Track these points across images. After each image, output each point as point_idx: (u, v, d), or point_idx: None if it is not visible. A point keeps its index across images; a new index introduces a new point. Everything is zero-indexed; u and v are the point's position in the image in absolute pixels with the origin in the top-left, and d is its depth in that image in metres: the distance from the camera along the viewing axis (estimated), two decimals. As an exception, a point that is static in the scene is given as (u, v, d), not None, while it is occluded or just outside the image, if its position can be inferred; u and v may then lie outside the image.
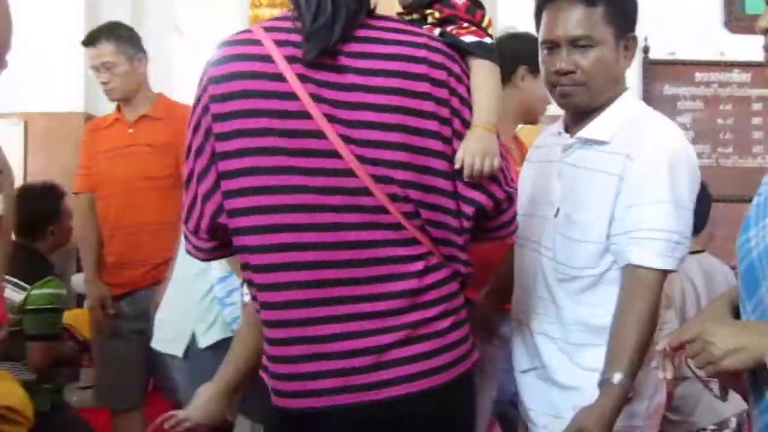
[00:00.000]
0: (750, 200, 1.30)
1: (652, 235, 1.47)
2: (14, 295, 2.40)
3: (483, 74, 1.30)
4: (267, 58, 1.21)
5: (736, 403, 2.29)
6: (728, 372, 1.13)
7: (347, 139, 1.21)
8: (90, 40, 2.66)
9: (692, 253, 2.54)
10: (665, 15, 3.30)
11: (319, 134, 1.20)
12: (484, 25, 1.33)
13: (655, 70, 3.47)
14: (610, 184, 1.51)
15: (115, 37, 2.65)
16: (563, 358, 1.57)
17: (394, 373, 1.22)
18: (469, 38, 1.30)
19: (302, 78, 1.20)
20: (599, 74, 1.56)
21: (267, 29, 1.24)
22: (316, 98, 1.20)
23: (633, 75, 3.48)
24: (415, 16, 1.34)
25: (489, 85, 1.30)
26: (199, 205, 1.26)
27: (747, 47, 3.41)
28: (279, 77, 1.20)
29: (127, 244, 2.63)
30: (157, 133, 2.66)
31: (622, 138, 1.54)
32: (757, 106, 3.50)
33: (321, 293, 1.21)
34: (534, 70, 2.07)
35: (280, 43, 1.21)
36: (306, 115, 1.20)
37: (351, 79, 1.22)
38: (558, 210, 1.58)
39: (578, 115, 1.61)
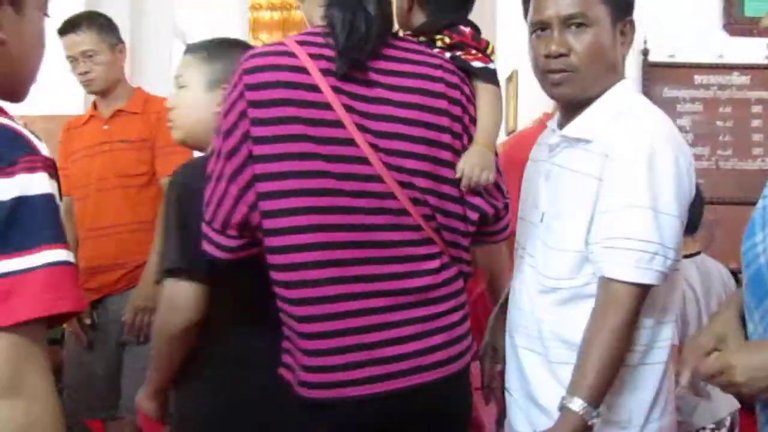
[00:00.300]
0: (750, 203, 1.29)
1: (626, 244, 1.32)
2: None
3: (487, 97, 1.45)
4: (303, 70, 1.31)
5: (730, 403, 2.37)
6: None
7: (376, 148, 1.33)
8: (69, 28, 2.51)
9: (690, 255, 2.56)
10: (665, 18, 3.30)
11: (351, 142, 1.31)
12: (488, 52, 1.48)
13: (655, 73, 3.47)
14: (591, 187, 1.39)
15: (96, 25, 2.53)
16: (547, 377, 1.43)
17: (413, 364, 1.33)
18: (476, 63, 1.45)
19: (336, 90, 1.32)
20: (594, 59, 1.42)
21: (300, 43, 1.34)
22: (349, 109, 1.32)
23: (632, 77, 3.47)
24: (422, 38, 1.47)
25: (492, 107, 1.45)
26: (229, 203, 1.32)
27: (746, 50, 3.42)
28: (315, 88, 1.31)
29: (100, 246, 2.50)
30: (133, 128, 2.54)
31: (605, 135, 1.40)
32: (756, 109, 3.49)
33: (350, 289, 1.31)
34: None
35: (313, 57, 1.32)
36: (339, 124, 1.31)
37: (379, 93, 1.34)
38: (543, 215, 1.48)
39: (570, 109, 1.48)
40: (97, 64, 2.53)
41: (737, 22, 3.45)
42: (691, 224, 2.41)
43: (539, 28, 1.45)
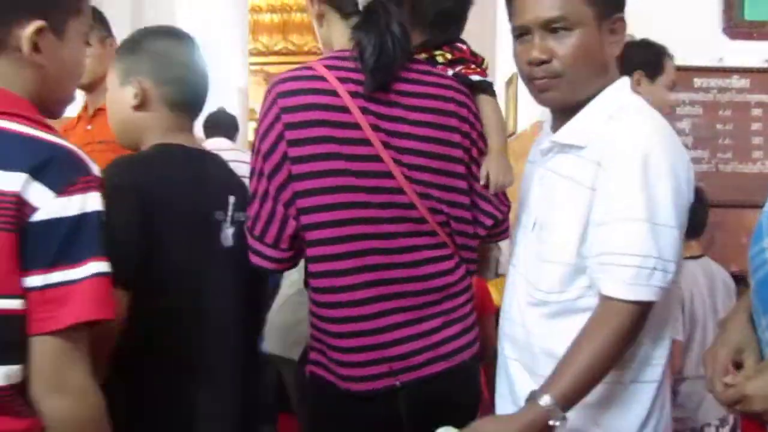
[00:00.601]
0: (750, 206, 1.29)
1: (622, 260, 1.26)
2: None
3: (490, 107, 1.59)
4: (333, 93, 1.42)
5: None
6: None
7: (398, 163, 1.45)
8: None
9: (694, 258, 2.57)
10: (664, 21, 3.30)
11: (377, 158, 1.43)
12: (484, 66, 1.63)
13: (655, 76, 3.47)
14: (583, 196, 1.33)
15: None
16: None
17: (436, 353, 1.47)
18: (476, 77, 1.59)
19: (363, 110, 1.43)
20: (579, 63, 1.35)
21: (328, 67, 1.45)
22: (375, 128, 1.43)
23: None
24: (423, 55, 1.60)
25: (496, 115, 1.60)
26: (279, 220, 1.44)
27: (746, 53, 3.42)
28: (345, 109, 1.42)
29: None
30: (109, 128, 2.49)
31: (597, 141, 1.33)
32: (756, 112, 3.49)
33: (380, 291, 1.44)
34: (650, 74, 2.32)
35: (342, 80, 1.43)
36: (367, 143, 1.43)
37: (399, 113, 1.46)
38: (534, 223, 1.44)
39: (562, 112, 1.43)
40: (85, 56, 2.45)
41: (737, 26, 3.45)
42: (696, 228, 2.41)
43: (521, 33, 1.40)
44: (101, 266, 1.06)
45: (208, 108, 4.63)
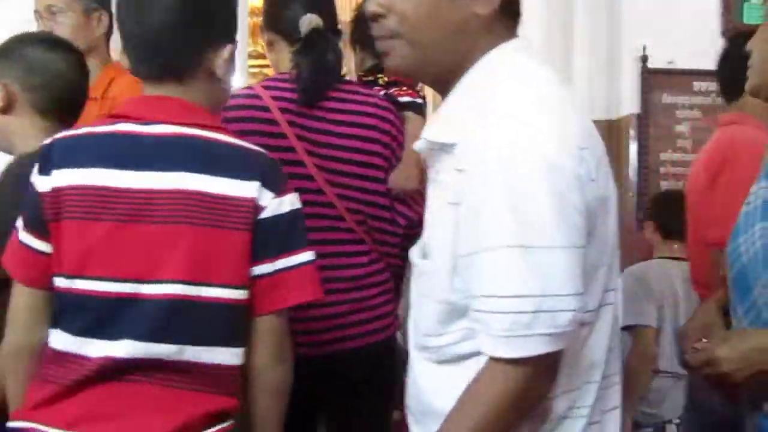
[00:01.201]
0: (747, 208, 1.33)
1: (493, 305, 0.94)
2: None
3: (413, 125, 1.91)
4: (266, 109, 1.73)
5: None
6: None
7: (321, 168, 1.73)
8: None
9: (673, 259, 2.61)
10: (663, 25, 3.31)
11: (301, 163, 1.71)
12: (417, 88, 2.01)
13: (654, 79, 3.48)
14: (451, 215, 1.00)
15: None
16: None
17: (344, 333, 1.74)
18: (404, 98, 1.98)
19: (291, 123, 1.73)
20: (421, 20, 1.02)
21: (266, 87, 1.78)
22: (300, 138, 1.73)
23: (631, 84, 3.49)
24: (370, 77, 2.04)
25: (413, 131, 1.82)
26: None
27: (745, 57, 3.42)
28: (274, 122, 1.73)
29: None
30: (89, 120, 2.00)
31: (463, 137, 1.00)
32: (755, 115, 3.50)
33: None
34: None
35: (275, 98, 1.74)
36: (292, 150, 1.72)
37: (324, 126, 1.76)
38: (421, 247, 1.13)
39: (440, 92, 1.11)
40: (61, 24, 2.01)
41: (735, 30, 3.46)
42: (679, 230, 2.40)
43: None
44: (310, 254, 1.26)
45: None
